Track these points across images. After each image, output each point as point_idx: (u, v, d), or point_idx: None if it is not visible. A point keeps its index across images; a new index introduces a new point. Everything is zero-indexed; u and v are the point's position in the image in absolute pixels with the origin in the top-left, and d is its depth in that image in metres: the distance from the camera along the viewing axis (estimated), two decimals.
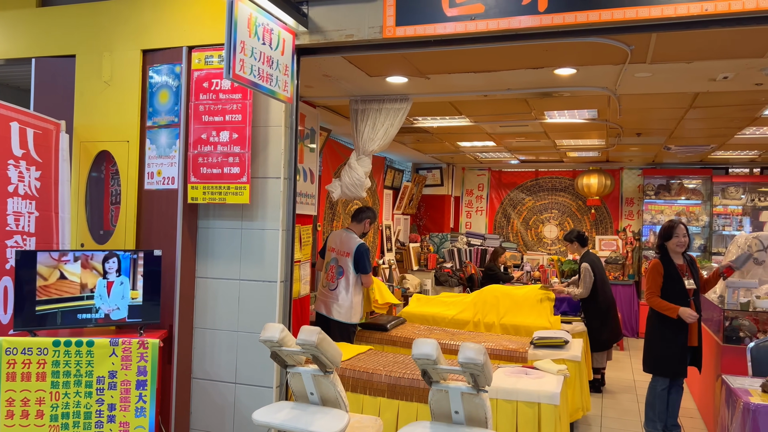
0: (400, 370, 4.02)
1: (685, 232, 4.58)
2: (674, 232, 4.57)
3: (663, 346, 4.60)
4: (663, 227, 4.69)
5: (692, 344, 4.55)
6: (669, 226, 4.63)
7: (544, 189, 10.45)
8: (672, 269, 4.55)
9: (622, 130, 6.61)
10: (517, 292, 6.41)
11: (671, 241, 4.57)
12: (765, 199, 9.27)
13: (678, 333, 4.53)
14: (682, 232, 4.56)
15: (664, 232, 4.64)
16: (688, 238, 4.60)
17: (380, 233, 8.67)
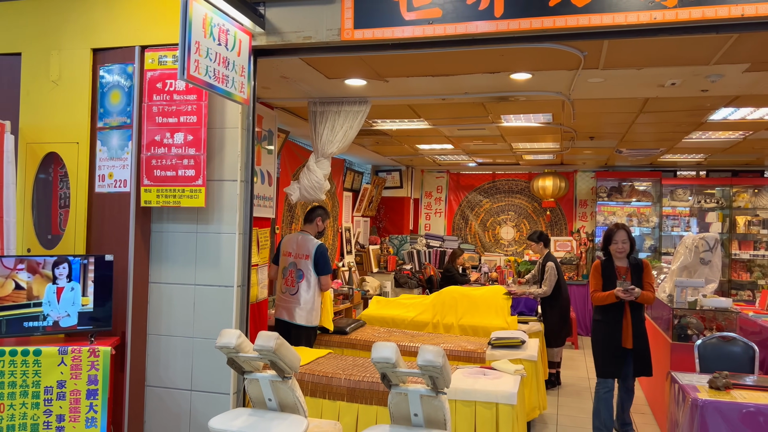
0: (359, 373, 4.01)
1: (625, 238, 4.61)
2: (613, 239, 4.64)
3: (598, 346, 4.69)
4: (605, 233, 4.76)
5: (625, 345, 4.56)
6: (609, 232, 4.70)
7: (501, 191, 10.61)
8: (610, 270, 4.64)
9: (576, 134, 6.77)
10: (475, 293, 6.48)
11: (611, 247, 4.65)
12: (711, 201, 9.63)
13: (611, 333, 4.58)
14: (621, 238, 4.60)
15: (605, 237, 4.73)
16: (629, 243, 4.62)
17: (340, 236, 8.64)
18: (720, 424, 3.14)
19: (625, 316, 4.57)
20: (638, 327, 4.58)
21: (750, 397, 3.24)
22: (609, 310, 4.60)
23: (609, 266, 4.66)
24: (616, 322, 4.57)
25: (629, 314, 4.56)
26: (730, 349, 4.23)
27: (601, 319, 4.67)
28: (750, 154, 8.11)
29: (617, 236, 4.61)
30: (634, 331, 4.55)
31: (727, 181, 9.54)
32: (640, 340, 4.57)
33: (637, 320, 4.58)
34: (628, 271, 4.62)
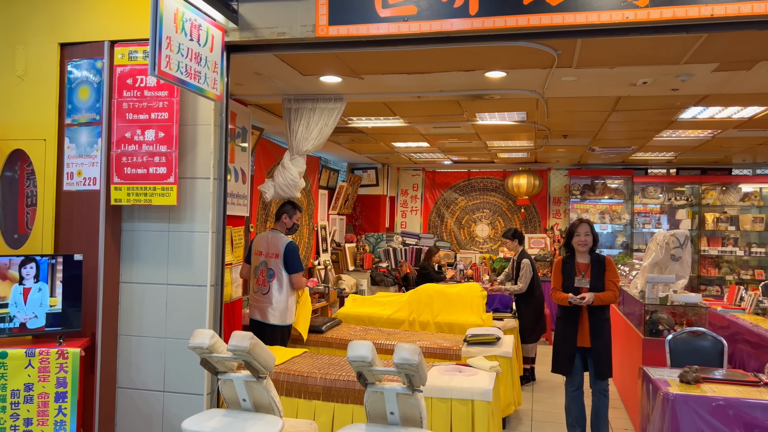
0: (335, 372, 3.99)
1: (588, 231, 4.50)
2: (576, 231, 4.54)
3: (556, 344, 4.61)
4: (567, 227, 4.69)
5: (582, 344, 4.46)
6: (571, 226, 4.62)
7: (476, 189, 10.66)
8: (569, 267, 4.54)
9: (550, 132, 6.83)
10: (450, 290, 6.50)
11: (573, 240, 4.54)
12: (680, 198, 9.82)
13: (568, 331, 4.51)
14: (584, 231, 4.49)
15: (568, 232, 4.65)
16: (591, 237, 4.50)
17: (315, 234, 8.60)
18: (690, 418, 3.20)
19: (582, 315, 4.47)
20: (597, 325, 4.44)
21: (719, 390, 3.30)
22: (567, 307, 4.52)
23: (570, 263, 4.56)
24: (573, 320, 4.48)
25: (586, 312, 4.46)
26: (699, 343, 4.32)
27: (560, 317, 4.61)
28: (718, 153, 8.28)
29: (580, 229, 4.51)
30: (592, 330, 4.43)
31: (696, 179, 9.73)
32: (599, 340, 4.43)
33: (596, 319, 4.44)
34: (588, 267, 4.50)
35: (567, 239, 4.64)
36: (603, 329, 4.46)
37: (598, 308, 4.45)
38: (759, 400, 3.16)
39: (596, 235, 4.56)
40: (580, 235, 4.50)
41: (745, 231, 9.49)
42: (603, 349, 4.44)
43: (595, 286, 4.42)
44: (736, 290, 7.13)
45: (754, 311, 6.29)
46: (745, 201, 9.58)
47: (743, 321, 5.82)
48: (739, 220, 9.49)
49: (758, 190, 9.54)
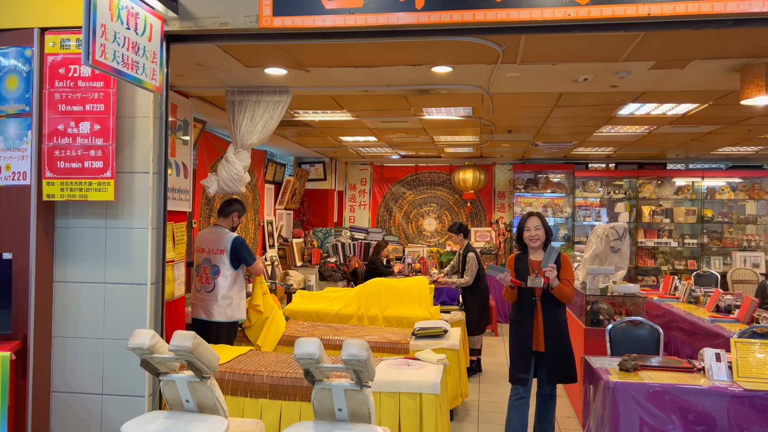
0: (282, 369, 3.93)
1: (538, 224, 4.19)
2: (526, 225, 4.24)
3: (512, 351, 4.29)
4: (519, 222, 4.35)
5: (537, 348, 4.12)
6: (522, 220, 4.31)
7: (423, 183, 10.74)
8: (522, 265, 4.20)
9: (495, 127, 6.93)
10: (398, 284, 6.52)
11: (524, 235, 4.24)
12: (619, 192, 10.16)
13: (522, 335, 4.17)
14: (534, 225, 4.20)
15: (519, 227, 4.35)
16: (543, 230, 4.19)
17: (262, 229, 8.46)
18: (630, 404, 3.31)
19: (536, 316, 4.12)
20: (552, 328, 4.11)
21: (656, 377, 3.43)
22: (520, 309, 4.19)
23: (523, 260, 4.23)
24: (527, 323, 4.14)
25: (541, 314, 4.11)
26: (638, 332, 4.47)
27: (513, 319, 4.28)
28: (654, 148, 8.61)
29: (529, 222, 4.21)
30: (546, 332, 4.09)
31: (633, 173, 10.10)
32: (555, 343, 4.10)
33: (551, 321, 4.10)
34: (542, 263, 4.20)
35: (518, 235, 4.33)
36: (559, 331, 4.12)
37: (553, 308, 4.12)
38: (693, 385, 3.30)
39: (549, 229, 4.26)
40: (530, 230, 4.19)
41: (679, 223, 9.92)
42: (562, 353, 4.11)
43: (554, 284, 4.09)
44: (671, 280, 7.45)
45: (688, 300, 6.58)
46: (679, 194, 10.00)
47: (677, 309, 6.08)
48: (674, 212, 9.91)
49: (691, 184, 9.97)
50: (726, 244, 9.79)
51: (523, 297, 4.17)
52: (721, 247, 9.81)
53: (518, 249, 4.36)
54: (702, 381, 3.38)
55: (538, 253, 4.22)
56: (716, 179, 9.90)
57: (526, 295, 4.15)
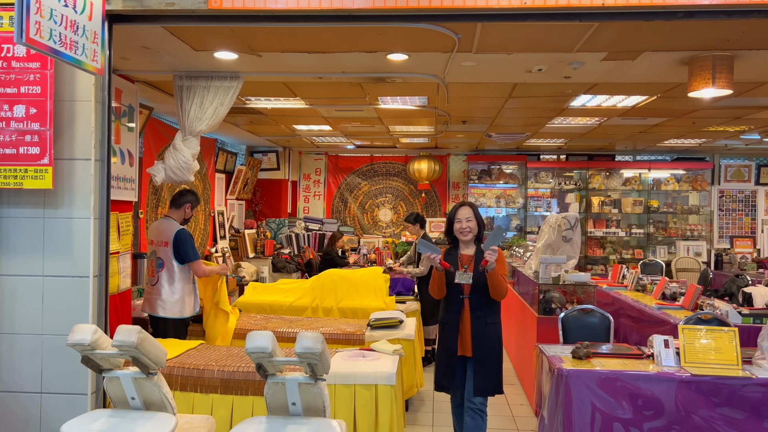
0: (234, 363, 3.82)
1: (470, 215, 3.83)
2: (456, 216, 3.86)
3: (438, 355, 3.92)
4: (448, 213, 4.04)
5: (462, 353, 3.76)
6: (451, 211, 3.92)
7: (378, 174, 10.68)
8: (450, 260, 3.82)
9: (450, 118, 6.92)
10: (353, 275, 6.46)
11: (455, 227, 3.85)
12: (570, 183, 10.36)
13: (447, 338, 3.82)
14: (465, 216, 3.83)
15: (448, 219, 3.95)
16: (475, 222, 3.83)
17: (212, 220, 8.24)
18: (582, 391, 3.35)
19: (463, 316, 3.75)
20: (480, 329, 3.72)
21: (608, 364, 3.49)
22: (446, 308, 3.84)
23: (452, 254, 3.86)
24: (452, 323, 3.78)
25: (468, 313, 3.74)
26: (589, 320, 4.55)
27: (440, 320, 3.93)
28: (604, 139, 8.79)
29: (460, 213, 3.83)
30: (474, 334, 3.71)
31: (584, 165, 10.30)
32: (483, 347, 3.71)
33: (480, 322, 3.73)
34: (472, 260, 3.79)
35: (447, 227, 3.94)
36: (488, 335, 3.74)
37: (483, 309, 3.76)
38: (642, 371, 3.36)
39: (482, 220, 3.90)
40: (461, 221, 3.82)
41: (627, 213, 10.19)
42: (486, 360, 3.73)
43: (479, 280, 3.69)
44: (619, 269, 7.64)
45: (635, 288, 6.76)
46: (627, 185, 10.27)
47: (626, 297, 6.24)
48: (621, 203, 10.17)
49: (638, 175, 10.25)
50: (671, 234, 10.13)
51: (450, 295, 3.80)
52: (666, 237, 10.14)
53: (448, 242, 4.01)
54: (651, 367, 3.46)
55: (468, 248, 3.86)
56: (662, 171, 10.21)
57: (453, 293, 3.78)
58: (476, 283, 3.70)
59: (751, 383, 3.25)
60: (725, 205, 10.11)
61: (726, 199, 10.11)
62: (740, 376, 3.27)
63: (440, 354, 3.88)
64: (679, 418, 3.31)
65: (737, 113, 6.35)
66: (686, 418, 3.30)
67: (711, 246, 10.03)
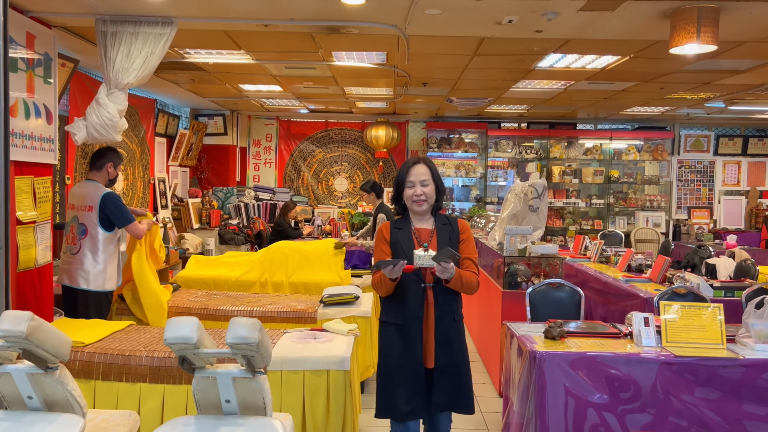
0: (165, 348, 3.35)
1: (426, 178, 2.85)
2: (406, 178, 2.87)
3: (382, 372, 2.94)
4: (396, 175, 2.97)
5: (426, 365, 2.85)
6: (400, 172, 2.94)
7: (334, 141, 10.16)
8: (402, 237, 2.88)
9: (410, 79, 6.47)
10: (306, 247, 6.02)
11: (405, 193, 2.90)
12: (530, 152, 10.08)
13: (401, 345, 2.84)
14: (420, 178, 2.85)
15: (396, 182, 2.96)
16: (433, 186, 2.88)
17: (152, 188, 7.61)
18: (557, 375, 3.03)
19: (427, 314, 2.82)
20: (447, 331, 2.84)
21: (584, 345, 3.17)
22: (401, 303, 2.83)
23: (403, 228, 2.91)
24: (414, 324, 2.80)
25: (433, 309, 2.81)
26: (557, 295, 4.25)
27: (385, 320, 2.93)
28: (566, 106, 8.50)
29: (413, 173, 2.85)
30: (438, 339, 2.82)
31: (545, 133, 10.03)
32: (449, 355, 2.84)
33: (447, 320, 2.84)
34: (433, 235, 2.90)
35: (396, 192, 2.96)
36: (456, 337, 2.88)
37: (450, 302, 2.86)
38: (622, 353, 3.06)
39: (441, 184, 2.94)
40: (414, 185, 2.85)
41: (587, 184, 10.01)
42: (458, 369, 2.87)
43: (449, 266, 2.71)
44: (582, 240, 7.43)
45: (599, 260, 6.54)
46: (587, 155, 10.07)
47: (590, 269, 6.00)
48: (582, 173, 9.97)
49: (599, 144, 10.05)
50: (630, 205, 10.01)
51: (406, 284, 2.80)
52: (625, 207, 10.02)
53: (397, 212, 3.03)
54: (629, 347, 3.16)
55: (425, 219, 2.94)
56: (624, 140, 10.03)
57: (410, 282, 2.80)
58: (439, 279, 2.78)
59: (736, 364, 2.99)
60: (684, 176, 10.03)
61: (685, 170, 10.03)
62: (727, 356, 3.00)
63: (391, 369, 2.87)
64: (659, 401, 3.03)
65: (708, 78, 6.11)
66: (667, 401, 3.03)
67: (669, 217, 9.97)
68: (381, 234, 2.95)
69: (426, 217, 2.97)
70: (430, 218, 2.98)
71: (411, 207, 2.92)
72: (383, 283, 2.81)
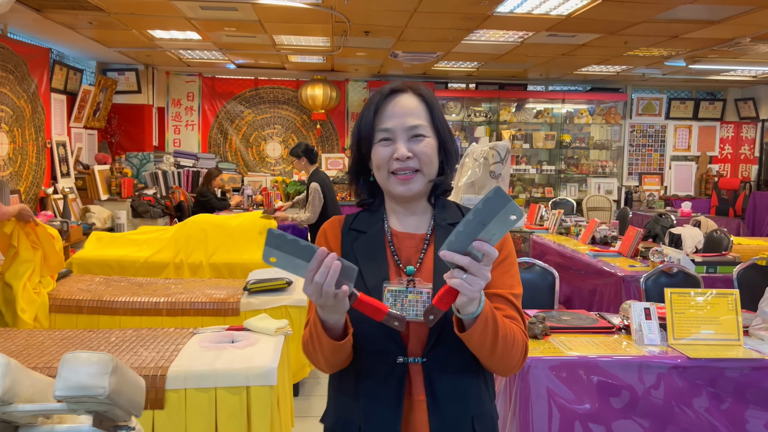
0: (37, 357, 2.49)
1: (421, 124, 1.33)
2: (376, 124, 1.34)
3: None
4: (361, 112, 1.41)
5: None
6: (367, 105, 1.38)
7: (265, 101, 9.15)
8: (365, 249, 1.37)
9: (350, 25, 5.60)
10: (230, 222, 5.17)
11: (375, 157, 1.35)
12: (479, 116, 9.43)
13: None
14: (404, 124, 1.32)
15: (358, 125, 1.38)
16: (434, 141, 1.35)
17: (49, 153, 6.49)
18: (542, 382, 2.38)
19: (413, 421, 1.30)
20: None
21: (573, 345, 2.51)
22: (353, 395, 1.34)
23: (369, 234, 1.39)
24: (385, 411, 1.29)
25: (425, 409, 1.30)
26: (526, 277, 3.59)
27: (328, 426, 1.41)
28: (519, 64, 7.85)
29: (391, 110, 1.33)
30: None
31: (494, 94, 9.37)
32: None
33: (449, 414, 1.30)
34: (428, 247, 1.36)
35: (356, 156, 1.41)
36: None
37: (462, 393, 1.32)
38: (622, 356, 2.43)
39: (450, 138, 1.39)
40: (395, 140, 1.32)
41: (537, 148, 9.48)
42: None
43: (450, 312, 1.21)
44: (537, 209, 6.87)
45: (558, 231, 6.00)
46: (538, 118, 9.52)
47: (549, 242, 5.43)
48: (533, 137, 9.42)
49: (550, 108, 9.51)
50: (582, 171, 9.56)
51: (365, 354, 1.32)
52: (577, 174, 9.57)
53: (360, 198, 1.46)
54: (626, 345, 2.54)
55: (416, 214, 1.40)
56: (575, 103, 9.52)
57: (376, 350, 1.31)
58: (446, 321, 1.26)
59: (764, 366, 2.41)
60: (635, 141, 9.65)
61: (636, 134, 9.65)
62: (751, 357, 2.41)
63: None
64: (664, 409, 2.43)
65: (677, 29, 5.55)
66: (670, 409, 2.43)
67: (621, 183, 9.60)
68: (327, 236, 1.42)
69: (418, 208, 1.39)
70: (426, 211, 1.40)
71: (387, 187, 1.36)
72: (318, 345, 1.28)
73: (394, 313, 1.21)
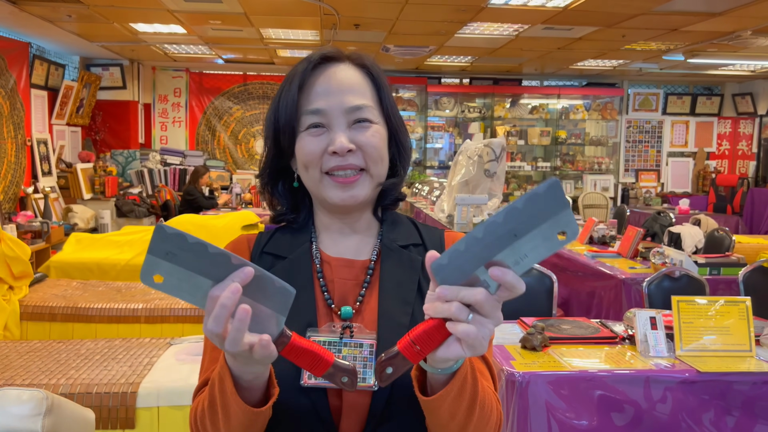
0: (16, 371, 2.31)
1: (365, 105, 0.96)
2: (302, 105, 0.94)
3: None
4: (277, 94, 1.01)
5: None
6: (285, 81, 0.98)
7: (254, 97, 8.95)
8: (292, 274, 0.94)
9: (339, 18, 5.42)
10: (215, 222, 4.99)
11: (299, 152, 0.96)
12: (473, 111, 9.27)
13: None
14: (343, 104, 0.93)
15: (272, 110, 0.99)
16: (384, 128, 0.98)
17: (29, 151, 6.28)
18: (542, 399, 2.21)
19: None
20: None
21: (573, 357, 2.35)
22: None
23: (291, 259, 0.97)
24: None
25: None
26: (524, 280, 3.43)
27: None
28: (513, 58, 7.69)
29: (324, 86, 0.93)
30: None
31: (488, 89, 9.21)
32: None
33: None
34: (372, 277, 0.96)
35: (273, 150, 1.01)
36: None
37: None
38: (627, 370, 2.26)
39: (401, 128, 1.02)
40: (330, 126, 0.92)
41: (533, 145, 9.33)
42: None
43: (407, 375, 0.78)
44: None
45: None
46: (533, 113, 9.36)
47: None
48: (528, 133, 9.26)
49: (545, 103, 9.35)
50: (578, 167, 9.41)
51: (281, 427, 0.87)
52: (573, 170, 9.42)
53: (276, 211, 1.03)
54: (630, 356, 2.38)
55: (356, 231, 1.00)
56: (571, 98, 9.36)
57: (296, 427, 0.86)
58: (396, 383, 0.78)
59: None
60: (632, 137, 9.51)
61: (633, 130, 9.50)
62: (765, 370, 2.26)
63: None
64: (672, 428, 2.28)
65: (677, 22, 5.39)
66: (682, 427, 2.27)
67: (618, 180, 9.46)
68: None
69: (360, 224, 1.01)
70: (371, 228, 1.02)
71: (320, 193, 0.96)
72: (223, 417, 0.81)
73: (343, 364, 0.76)
